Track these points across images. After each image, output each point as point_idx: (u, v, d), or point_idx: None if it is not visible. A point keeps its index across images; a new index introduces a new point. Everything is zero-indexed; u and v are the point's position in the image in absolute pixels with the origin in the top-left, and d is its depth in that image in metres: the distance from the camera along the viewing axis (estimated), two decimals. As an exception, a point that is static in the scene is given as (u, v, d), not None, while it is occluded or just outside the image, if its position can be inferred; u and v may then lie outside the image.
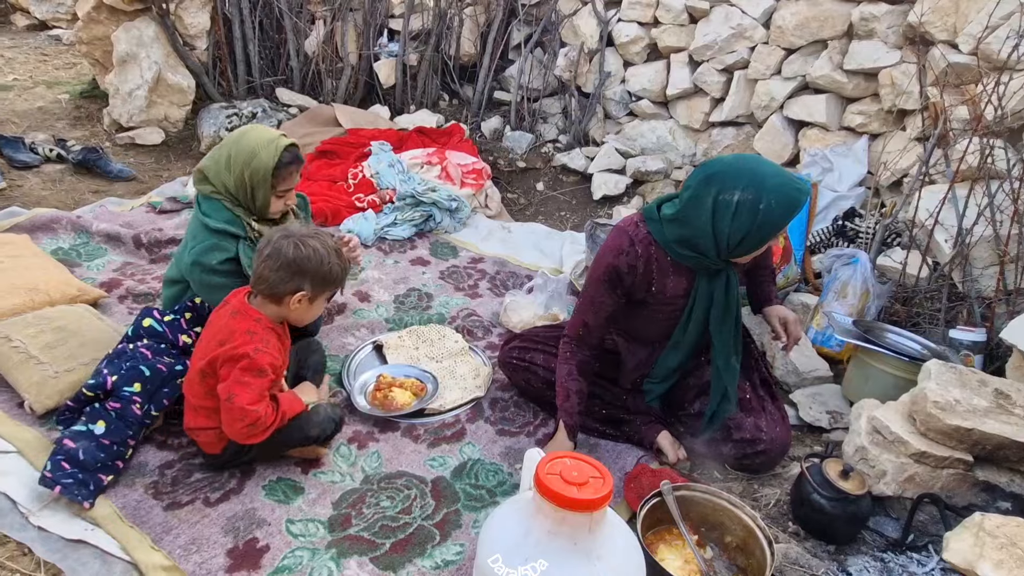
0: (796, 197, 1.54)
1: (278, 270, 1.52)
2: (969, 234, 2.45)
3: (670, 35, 3.79)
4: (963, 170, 2.50)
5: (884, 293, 2.59)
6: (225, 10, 4.03)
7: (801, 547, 1.64)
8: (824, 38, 3.26)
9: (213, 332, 1.57)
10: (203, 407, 1.58)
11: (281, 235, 1.54)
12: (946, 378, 1.77)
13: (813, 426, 2.16)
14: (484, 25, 4.31)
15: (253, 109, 3.93)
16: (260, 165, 1.75)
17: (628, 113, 4.14)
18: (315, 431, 1.68)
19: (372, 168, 3.37)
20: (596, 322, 1.79)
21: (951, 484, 1.66)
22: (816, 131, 3.38)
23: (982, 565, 1.11)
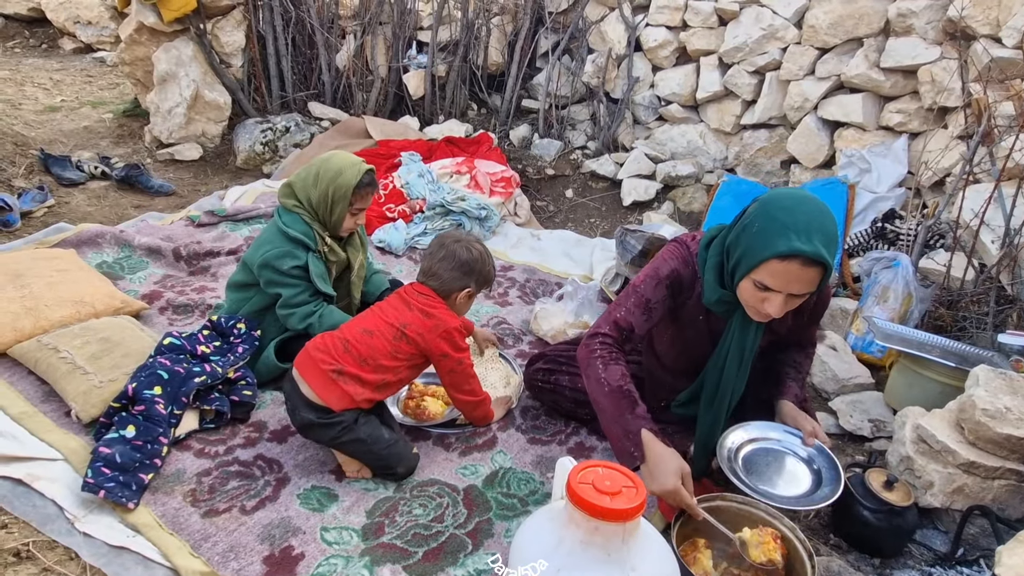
0: (775, 239, 1.36)
1: (452, 270, 1.74)
2: (1018, 235, 2.36)
3: (699, 38, 3.76)
4: (1009, 168, 2.41)
5: (927, 297, 2.50)
6: (259, 28, 4.14)
7: (844, 560, 1.59)
8: (859, 36, 3.19)
9: (410, 305, 1.73)
10: (373, 360, 1.67)
11: (451, 240, 1.78)
12: (995, 385, 1.70)
13: (854, 435, 2.10)
14: (511, 34, 4.34)
15: (286, 123, 4.02)
16: (344, 182, 1.96)
17: (657, 118, 4.11)
18: (402, 469, 1.76)
19: (402, 178, 3.41)
20: (642, 328, 1.63)
21: (1003, 496, 1.59)
22: (852, 131, 3.30)
23: (1039, 582, 1.06)
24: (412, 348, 1.70)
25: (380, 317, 1.72)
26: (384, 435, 1.71)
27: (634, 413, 1.54)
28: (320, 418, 1.65)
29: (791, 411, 1.65)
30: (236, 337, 2.02)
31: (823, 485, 1.51)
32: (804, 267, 1.36)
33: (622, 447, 1.54)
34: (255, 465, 1.76)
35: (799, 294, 1.42)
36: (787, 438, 1.62)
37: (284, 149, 3.95)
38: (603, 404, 1.58)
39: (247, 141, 3.93)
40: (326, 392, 1.64)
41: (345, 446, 1.70)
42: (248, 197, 3.34)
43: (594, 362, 1.61)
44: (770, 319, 1.49)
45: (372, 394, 1.68)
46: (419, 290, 1.76)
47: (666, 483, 1.43)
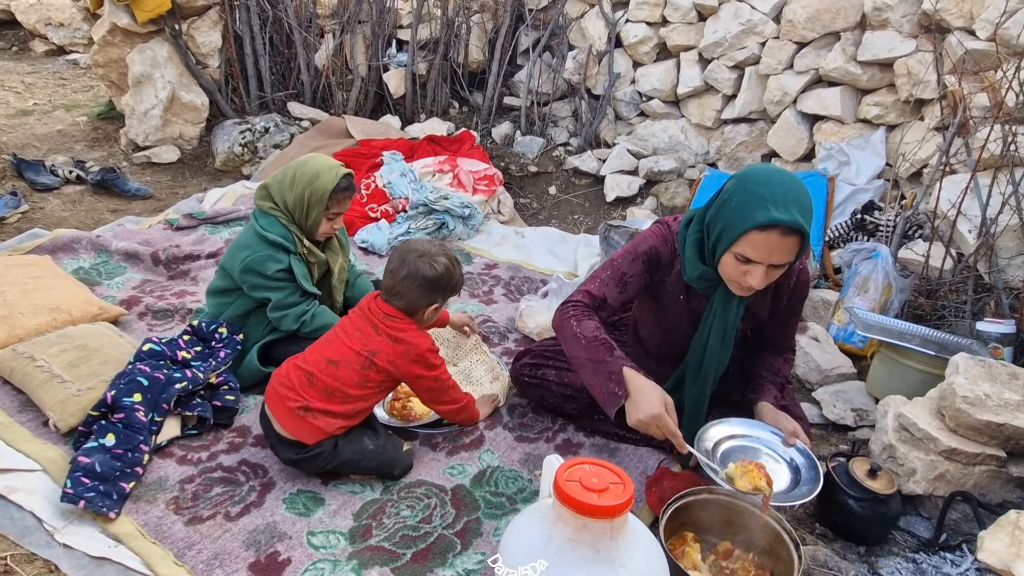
0: (754, 211, 1.39)
1: (418, 288, 1.64)
2: (994, 223, 2.40)
3: (679, 34, 3.77)
4: (985, 158, 2.44)
5: (907, 286, 2.53)
6: (236, 28, 4.08)
7: (829, 549, 1.60)
8: (836, 30, 3.22)
9: (377, 328, 1.65)
10: (341, 392, 1.62)
11: (413, 255, 1.66)
12: (975, 372, 1.72)
13: (838, 424, 2.12)
14: (492, 32, 4.32)
15: (265, 124, 3.97)
16: (320, 187, 1.92)
17: (639, 114, 4.12)
18: (398, 472, 1.74)
19: (384, 178, 3.38)
20: (616, 299, 1.66)
21: (984, 481, 1.61)
22: (831, 124, 3.33)
23: (1019, 565, 1.08)
24: (382, 376, 1.65)
25: (345, 343, 1.64)
26: (369, 447, 1.69)
27: (612, 356, 1.56)
28: (299, 453, 1.64)
29: (771, 412, 1.67)
30: (218, 342, 1.99)
31: (802, 483, 1.52)
32: (783, 236, 1.39)
33: (605, 390, 1.54)
34: (239, 471, 1.73)
35: (779, 264, 1.45)
36: (767, 436, 1.63)
37: (264, 150, 3.91)
38: (582, 356, 1.59)
39: (226, 142, 3.88)
40: (296, 429, 1.61)
41: (336, 469, 1.69)
42: (228, 199, 3.30)
43: (568, 322, 1.64)
44: (752, 292, 1.52)
45: (345, 422, 1.65)
46: (385, 311, 1.67)
47: (651, 409, 1.45)
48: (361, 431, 1.71)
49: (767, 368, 1.78)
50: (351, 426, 1.67)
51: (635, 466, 1.85)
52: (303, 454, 1.64)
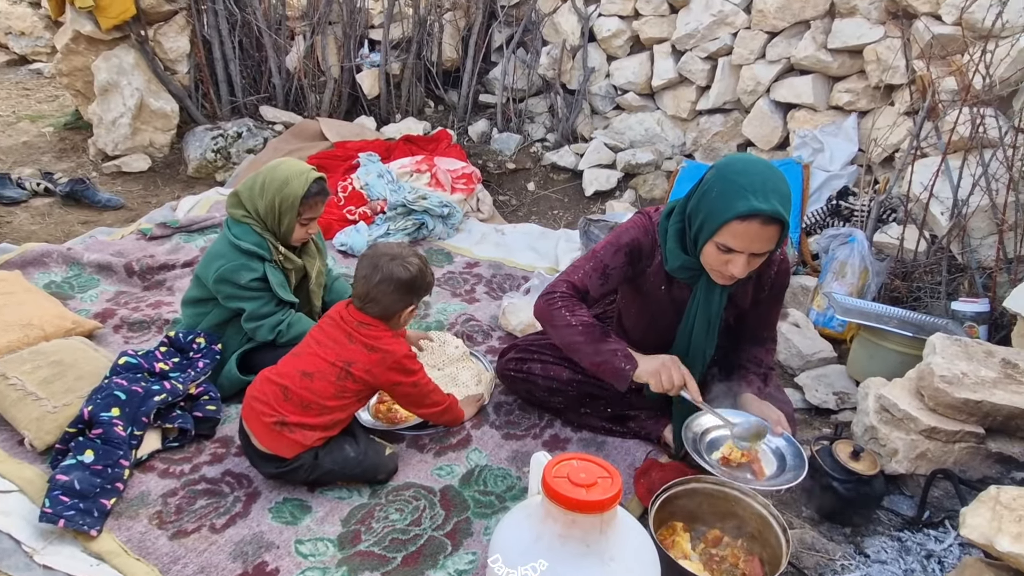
0: (734, 201, 1.41)
1: (393, 292, 1.62)
2: (965, 205, 2.44)
3: (651, 26, 3.78)
4: (955, 141, 2.48)
5: (883, 270, 2.57)
6: (204, 32, 4.01)
7: (816, 531, 1.62)
8: (806, 18, 3.25)
9: (351, 336, 1.62)
10: (317, 404, 1.59)
11: (385, 258, 1.63)
12: (952, 351, 1.75)
13: (820, 408, 2.15)
14: (465, 29, 4.30)
15: (238, 129, 3.92)
16: (291, 193, 1.88)
17: (615, 107, 4.13)
18: (383, 476, 1.72)
19: (361, 180, 3.35)
20: (597, 291, 1.69)
21: (964, 458, 1.64)
22: (804, 112, 3.37)
23: (1001, 540, 1.09)
24: (359, 385, 1.63)
25: (319, 355, 1.61)
26: (351, 455, 1.67)
27: (612, 337, 1.64)
28: (279, 467, 1.62)
29: (755, 402, 1.68)
30: (196, 352, 1.95)
31: (788, 469, 1.54)
32: (764, 225, 1.41)
33: (612, 367, 1.61)
34: (223, 481, 1.71)
35: (760, 253, 1.47)
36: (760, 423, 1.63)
37: (237, 155, 3.85)
38: (578, 341, 1.64)
39: (198, 149, 3.82)
40: (274, 444, 1.59)
41: (319, 482, 1.67)
42: (202, 207, 3.25)
43: (558, 311, 1.66)
44: (734, 281, 1.54)
45: (323, 434, 1.63)
46: (359, 319, 1.63)
47: (664, 359, 1.56)
48: (341, 439, 1.68)
49: (750, 359, 1.79)
50: (330, 436, 1.65)
51: (623, 459, 1.85)
52: (283, 468, 1.62)
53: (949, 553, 1.53)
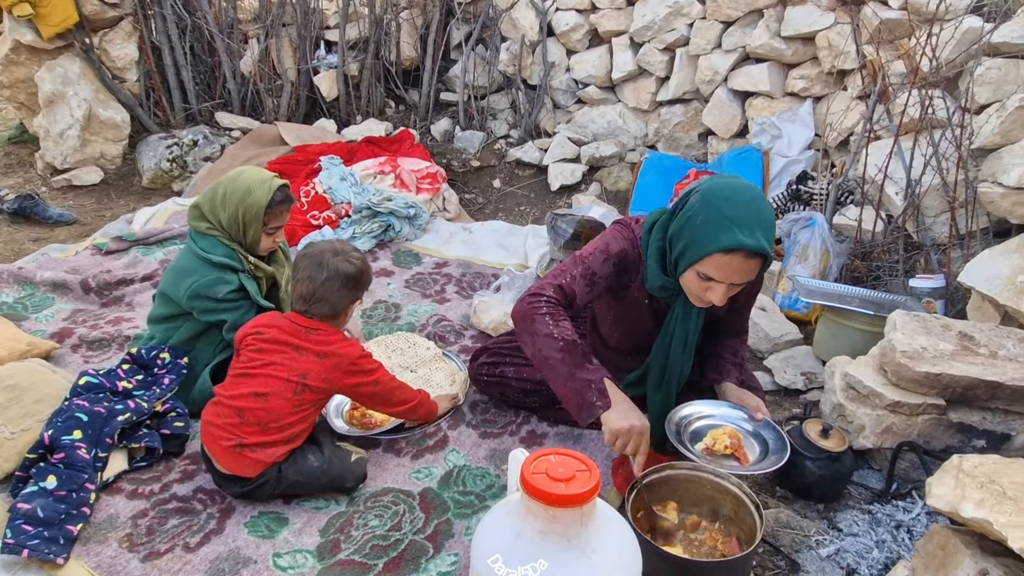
0: (719, 234, 1.38)
1: (341, 289, 1.58)
2: (918, 184, 2.51)
3: (609, 19, 3.80)
4: (906, 123, 2.56)
5: (843, 251, 2.64)
6: (152, 39, 3.90)
7: (790, 509, 1.66)
8: (759, 7, 3.30)
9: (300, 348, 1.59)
10: (276, 422, 1.56)
11: (328, 254, 1.59)
12: (911, 327, 1.80)
13: (789, 389, 2.19)
14: (422, 27, 4.27)
15: (193, 137, 3.82)
16: (254, 202, 1.84)
17: (576, 101, 4.14)
18: (351, 483, 1.69)
19: (324, 184, 3.30)
20: (583, 299, 1.61)
21: (927, 430, 1.70)
22: (761, 100, 3.43)
23: (965, 506, 1.13)
24: (318, 395, 1.60)
25: (271, 374, 1.56)
26: (315, 464, 1.63)
27: (593, 364, 1.53)
28: (244, 487, 1.59)
29: (734, 391, 1.70)
30: (160, 368, 1.90)
31: (771, 453, 1.56)
32: (747, 259, 1.40)
33: (582, 399, 1.49)
34: (195, 499, 1.67)
35: (740, 283, 1.46)
36: (734, 413, 1.66)
37: (194, 164, 3.76)
38: (556, 359, 1.51)
39: (152, 159, 3.71)
40: (236, 465, 1.56)
41: (285, 493, 1.63)
42: (159, 218, 3.16)
43: (542, 318, 1.53)
44: (711, 305, 1.53)
45: (285, 448, 1.59)
46: (304, 325, 1.59)
47: (636, 420, 1.46)
48: (305, 450, 1.64)
49: (727, 350, 1.81)
50: (293, 449, 1.62)
51: (600, 450, 1.86)
52: (248, 487, 1.59)
53: (917, 522, 1.58)
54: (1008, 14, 2.39)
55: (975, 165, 2.34)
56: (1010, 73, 2.31)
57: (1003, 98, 2.29)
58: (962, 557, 1.15)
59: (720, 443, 1.57)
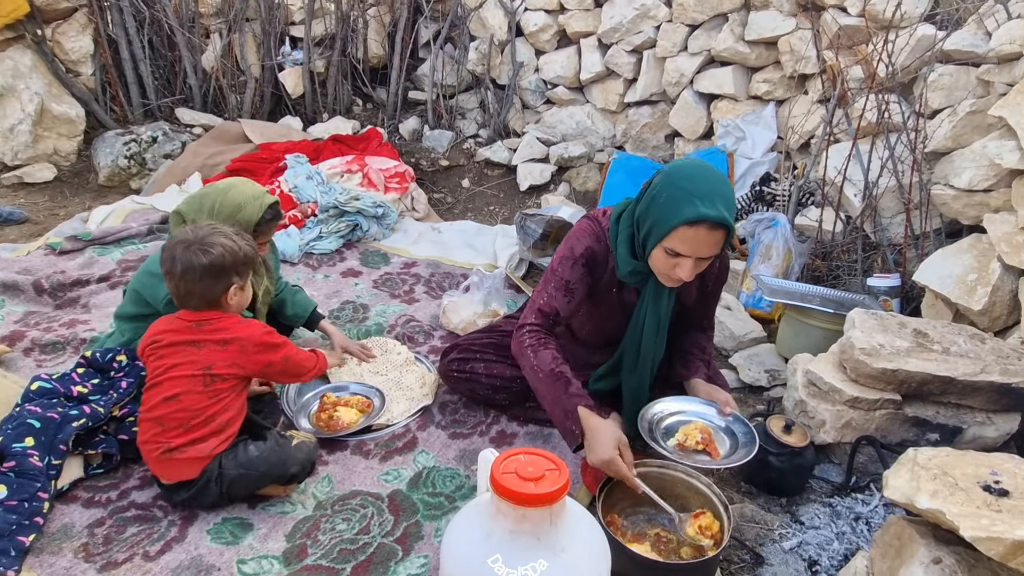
0: (682, 207, 1.44)
1: (201, 280, 1.52)
2: (875, 186, 2.59)
3: (577, 20, 3.83)
4: (863, 126, 2.63)
5: (805, 251, 2.70)
6: (109, 31, 3.78)
7: (755, 504, 1.69)
8: (724, 11, 3.36)
9: (197, 343, 1.55)
10: (197, 418, 1.52)
11: (182, 247, 1.53)
12: (869, 325, 1.86)
13: (754, 386, 2.24)
14: (390, 25, 4.22)
15: (152, 133, 3.71)
16: (244, 219, 1.80)
17: (545, 101, 4.16)
18: (295, 468, 1.64)
19: (290, 182, 3.24)
20: (567, 310, 1.67)
21: (884, 424, 1.75)
22: (726, 102, 3.49)
23: (919, 497, 1.17)
24: (230, 382, 1.56)
25: (175, 375, 1.52)
26: (254, 453, 1.59)
27: (568, 392, 1.58)
28: (188, 490, 1.55)
29: (704, 386, 1.73)
30: (118, 371, 1.84)
31: (740, 446, 1.60)
32: (711, 231, 1.45)
33: (563, 427, 1.60)
34: (155, 506, 1.62)
35: (707, 257, 1.51)
36: (704, 409, 1.69)
37: (153, 161, 3.65)
38: (540, 390, 1.63)
39: (109, 156, 3.59)
40: (173, 472, 1.53)
41: (233, 493, 1.58)
42: (116, 217, 3.06)
43: (526, 352, 1.64)
44: (681, 283, 1.57)
45: (219, 439, 1.55)
46: (195, 319, 1.56)
47: (603, 454, 1.48)
48: (246, 442, 1.61)
49: (695, 346, 1.84)
50: (230, 440, 1.58)
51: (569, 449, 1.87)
52: (192, 489, 1.55)
53: (875, 514, 1.63)
54: (959, 23, 2.48)
55: (929, 168, 2.43)
56: (961, 79, 2.40)
57: (955, 103, 2.38)
58: (917, 546, 1.19)
59: (692, 439, 1.59)
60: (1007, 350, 1.78)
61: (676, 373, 1.82)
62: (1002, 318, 2.01)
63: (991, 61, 2.22)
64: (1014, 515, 1.10)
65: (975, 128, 2.26)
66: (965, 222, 2.27)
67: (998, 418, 1.71)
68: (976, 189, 2.17)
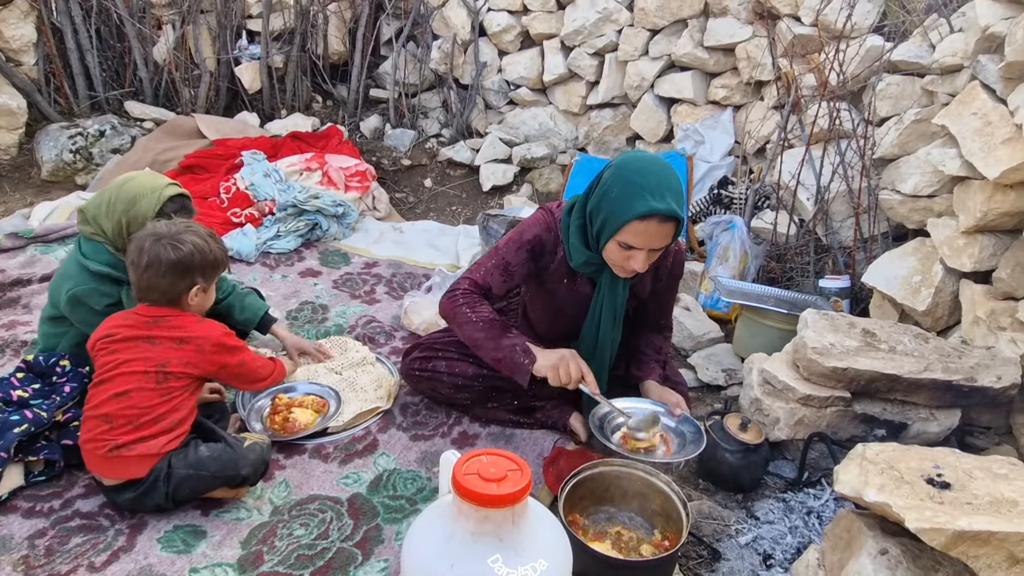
0: (633, 202, 1.48)
1: (165, 275, 1.50)
2: (827, 191, 2.68)
3: (540, 22, 3.84)
4: (816, 133, 2.72)
5: (760, 253, 2.77)
6: (53, 19, 3.61)
7: (712, 501, 1.73)
8: (684, 17, 3.42)
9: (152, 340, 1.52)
10: (147, 415, 1.48)
11: (151, 240, 1.51)
12: (821, 325, 1.92)
13: (711, 385, 2.28)
14: (351, 21, 4.16)
15: (100, 127, 3.56)
16: (139, 213, 1.70)
17: (508, 102, 4.16)
18: (247, 470, 1.58)
19: (246, 180, 3.16)
20: (500, 288, 1.72)
21: (835, 421, 1.81)
22: (686, 107, 3.55)
23: (868, 491, 1.21)
24: (184, 380, 1.53)
25: (127, 371, 1.48)
26: (204, 454, 1.54)
27: (512, 332, 1.67)
28: (136, 490, 1.49)
29: (656, 388, 1.78)
30: (60, 376, 1.75)
31: (688, 444, 1.65)
32: (661, 223, 1.50)
33: (512, 360, 1.64)
34: (102, 515, 1.55)
35: (659, 248, 1.56)
36: (656, 410, 1.72)
37: (100, 156, 3.51)
38: (480, 337, 1.67)
39: (52, 150, 3.43)
40: (120, 470, 1.48)
41: (180, 495, 1.52)
42: (60, 214, 2.93)
43: (461, 308, 1.69)
44: (635, 274, 1.62)
45: (168, 438, 1.50)
46: (152, 315, 1.53)
47: (558, 356, 1.58)
48: (197, 443, 1.57)
49: (650, 346, 1.88)
50: (180, 439, 1.53)
51: (531, 449, 1.88)
52: (139, 489, 1.49)
53: (826, 508, 1.68)
54: (905, 35, 2.59)
55: (877, 174, 2.52)
56: (907, 89, 2.50)
57: (901, 112, 2.48)
58: (865, 539, 1.24)
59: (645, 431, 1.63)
60: (948, 349, 1.87)
61: (631, 375, 1.85)
62: (944, 318, 2.11)
63: (935, 72, 2.32)
64: (955, 507, 1.15)
65: (920, 136, 2.36)
66: (910, 226, 2.36)
67: (940, 414, 1.79)
68: (920, 195, 2.26)
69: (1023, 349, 1.78)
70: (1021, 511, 1.14)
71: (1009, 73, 1.85)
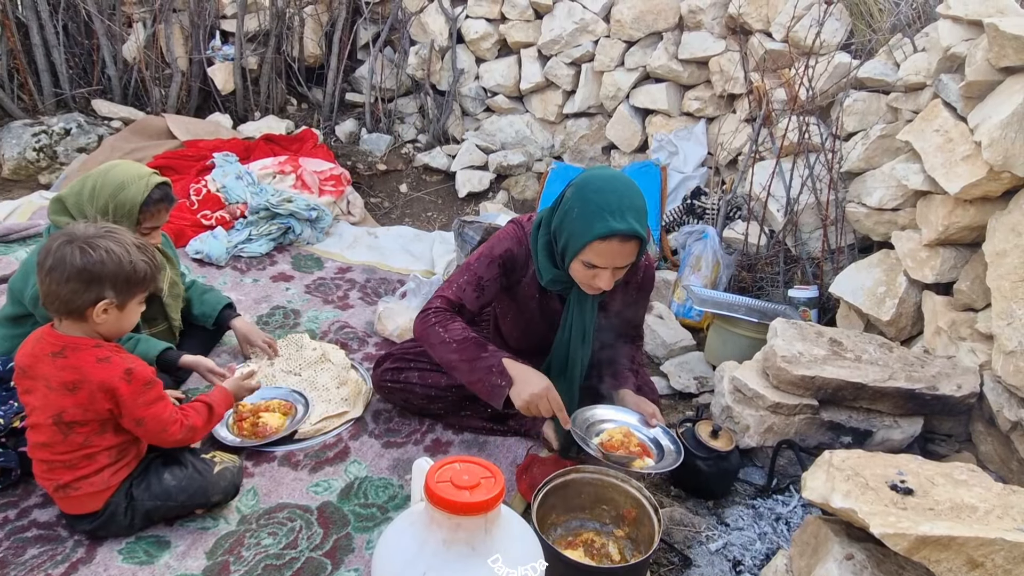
0: (593, 223, 1.48)
1: (67, 282, 1.29)
2: (796, 203, 2.74)
3: (518, 31, 3.86)
4: (786, 146, 2.78)
5: (732, 262, 2.82)
6: (18, 14, 3.51)
7: (684, 508, 1.74)
8: (659, 30, 3.48)
9: (48, 382, 1.34)
10: (79, 456, 1.37)
11: (63, 240, 1.32)
12: (790, 334, 1.95)
13: (683, 393, 2.31)
14: (328, 24, 4.13)
15: (65, 125, 3.47)
16: (127, 199, 1.68)
17: (485, 109, 4.17)
18: (217, 497, 1.53)
19: (217, 181, 3.11)
20: (474, 304, 1.70)
21: (803, 428, 1.84)
22: (660, 118, 3.60)
23: (834, 497, 1.23)
24: (89, 426, 1.36)
25: (38, 421, 1.36)
26: (171, 483, 1.47)
27: (487, 351, 1.62)
28: (93, 521, 1.43)
29: (632, 397, 1.79)
30: (19, 379, 1.69)
31: (666, 455, 1.66)
32: (623, 243, 1.51)
33: (487, 384, 1.60)
34: (59, 525, 1.50)
35: (623, 266, 1.57)
36: (631, 419, 1.74)
37: (65, 155, 3.41)
38: (455, 359, 1.63)
39: (15, 147, 3.33)
40: (74, 505, 1.42)
41: (150, 519, 1.48)
42: (22, 213, 2.84)
43: (433, 328, 1.65)
44: (602, 291, 1.62)
45: (116, 468, 1.42)
46: (55, 343, 1.33)
47: (536, 388, 1.54)
48: (160, 469, 1.49)
49: (624, 356, 1.89)
50: (133, 465, 1.46)
51: (505, 456, 1.87)
52: (97, 521, 1.43)
53: (794, 514, 1.71)
54: (872, 53, 2.66)
55: (844, 187, 2.58)
56: (873, 105, 2.57)
57: (867, 127, 2.55)
58: (831, 544, 1.26)
59: (615, 439, 1.65)
60: (912, 358, 1.92)
61: (606, 384, 1.86)
62: (907, 328, 2.16)
63: (899, 89, 2.39)
64: (918, 512, 1.18)
65: (885, 151, 2.43)
66: (876, 238, 2.43)
67: (904, 421, 1.83)
68: (885, 208, 2.33)
69: (982, 359, 1.84)
70: (980, 516, 1.17)
71: (969, 92, 1.92)
